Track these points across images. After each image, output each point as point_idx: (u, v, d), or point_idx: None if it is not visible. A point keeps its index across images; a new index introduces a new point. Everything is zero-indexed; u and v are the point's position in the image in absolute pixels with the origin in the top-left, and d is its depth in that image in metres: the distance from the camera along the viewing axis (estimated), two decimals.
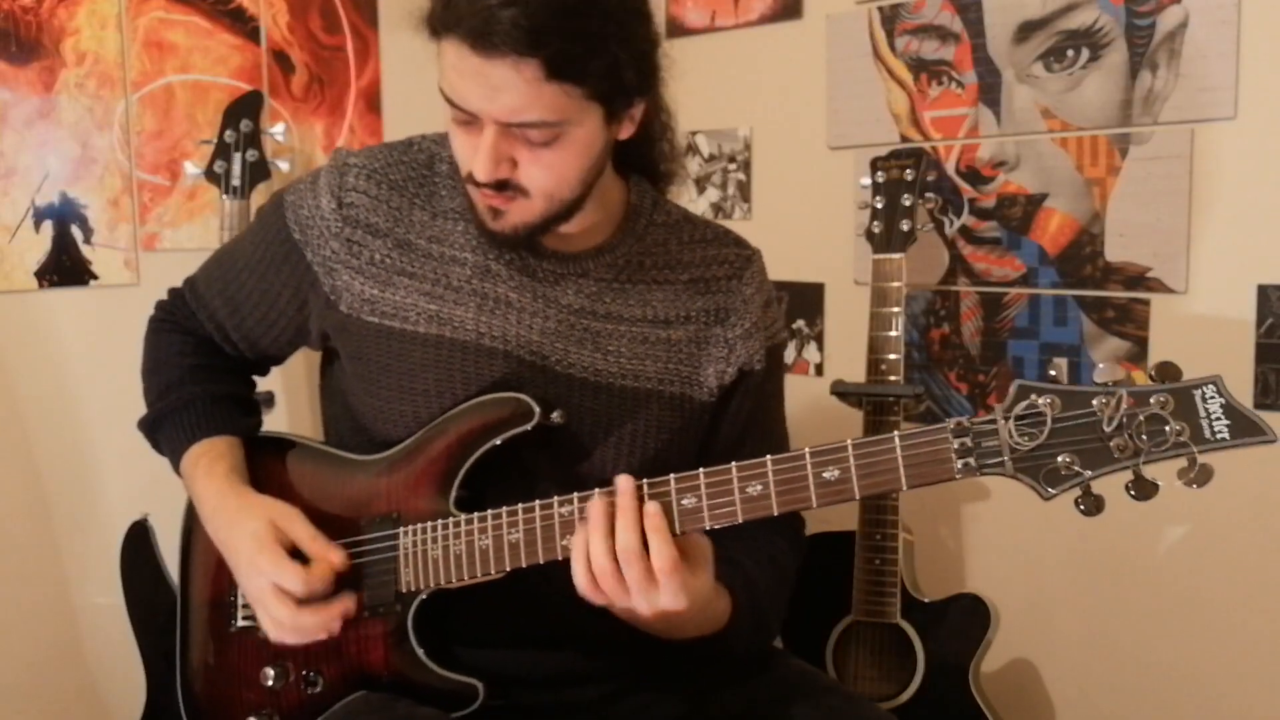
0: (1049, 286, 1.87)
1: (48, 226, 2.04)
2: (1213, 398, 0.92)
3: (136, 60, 2.12)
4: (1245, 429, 0.91)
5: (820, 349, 2.21)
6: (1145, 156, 1.75)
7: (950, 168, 1.97)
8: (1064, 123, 1.83)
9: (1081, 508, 0.95)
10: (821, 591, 1.87)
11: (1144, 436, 0.92)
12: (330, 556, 1.15)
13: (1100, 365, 0.95)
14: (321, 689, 1.21)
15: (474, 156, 1.11)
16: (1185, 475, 0.92)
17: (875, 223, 1.85)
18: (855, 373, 1.88)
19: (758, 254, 1.35)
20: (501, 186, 1.13)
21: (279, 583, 1.13)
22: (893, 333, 1.80)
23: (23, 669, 2.05)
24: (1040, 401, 0.94)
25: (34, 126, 2.01)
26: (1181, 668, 1.78)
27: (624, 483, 1.05)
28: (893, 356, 1.80)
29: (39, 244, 2.03)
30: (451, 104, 1.11)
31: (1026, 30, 1.86)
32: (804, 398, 2.20)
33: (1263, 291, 1.65)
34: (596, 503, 1.05)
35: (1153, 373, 0.93)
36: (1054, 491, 0.94)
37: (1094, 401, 0.93)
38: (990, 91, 1.91)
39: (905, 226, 1.82)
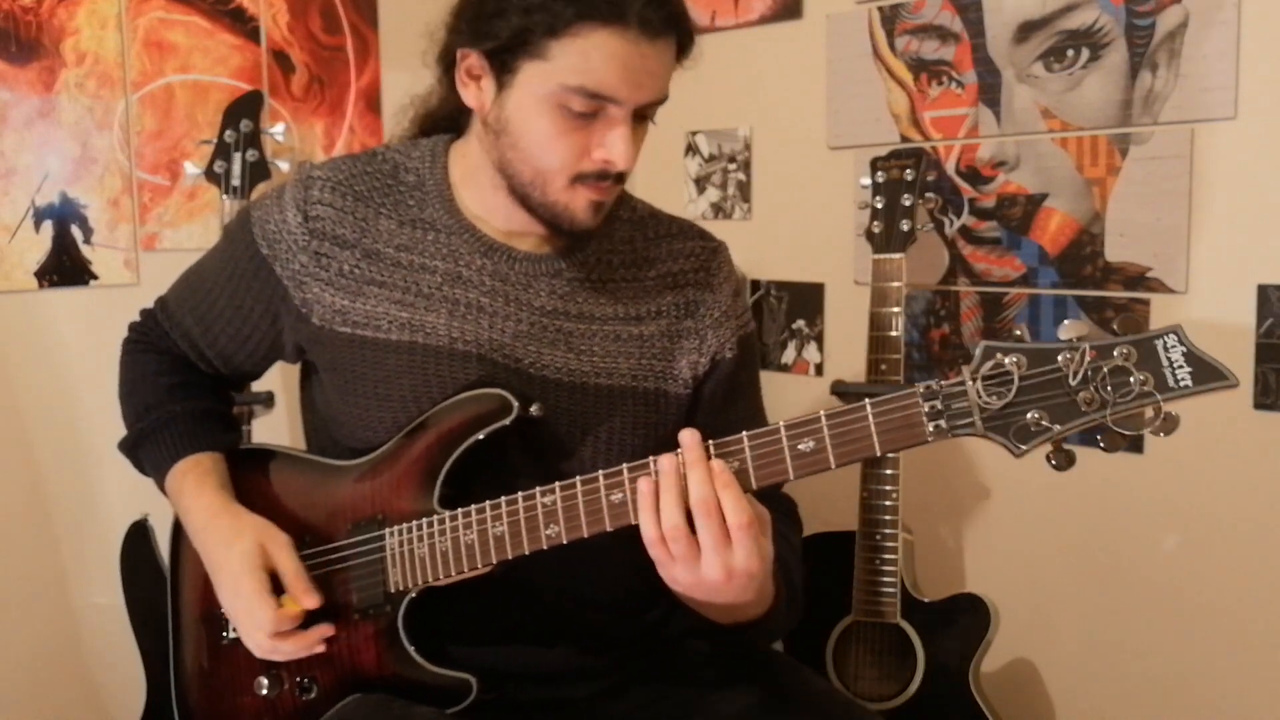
0: (1049, 286, 1.87)
1: (48, 226, 2.04)
2: (1174, 346, 0.92)
3: (136, 60, 2.12)
4: (1207, 375, 0.91)
5: (820, 349, 2.21)
6: (1145, 156, 1.75)
7: (950, 168, 1.97)
8: (1064, 123, 1.83)
9: (1053, 463, 0.97)
10: (821, 591, 1.86)
11: (1109, 388, 0.93)
12: (304, 599, 1.17)
13: (1065, 322, 0.96)
14: (316, 694, 1.22)
15: (605, 150, 1.13)
16: (1152, 424, 0.93)
17: (875, 223, 1.85)
18: (855, 373, 1.88)
19: (723, 246, 1.36)
20: (619, 176, 1.16)
21: (253, 614, 1.16)
22: (893, 333, 1.80)
23: (23, 669, 2.05)
24: (1006, 361, 0.94)
25: (34, 126, 2.01)
26: (1181, 668, 1.78)
27: (689, 438, 1.03)
28: (893, 356, 1.80)
29: (39, 244, 2.03)
30: (592, 97, 1.11)
31: (1026, 30, 1.86)
32: (804, 398, 2.20)
33: (1263, 291, 1.65)
34: (665, 457, 1.03)
35: (1115, 326, 0.94)
36: (1025, 448, 0.95)
37: (1059, 357, 0.94)
38: (990, 91, 1.91)
39: (905, 226, 1.82)
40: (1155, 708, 1.82)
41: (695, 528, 1.02)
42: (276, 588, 1.18)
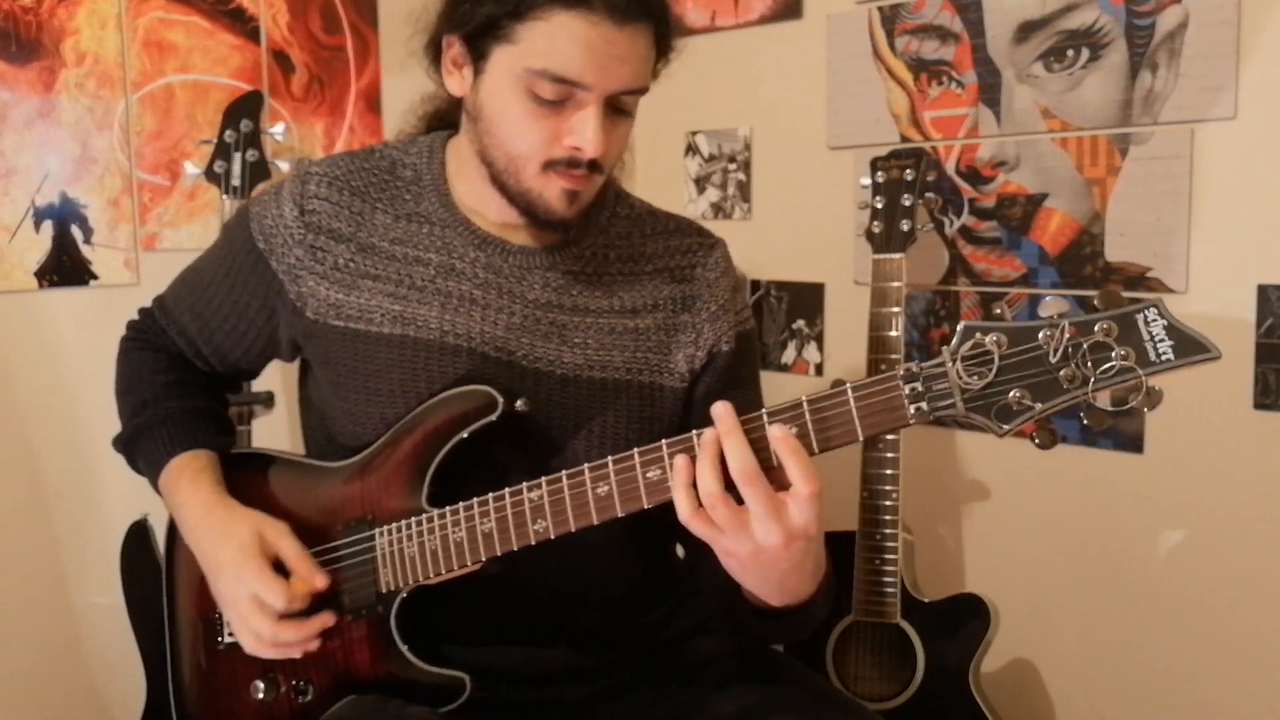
0: (1049, 286, 1.87)
1: (48, 226, 2.04)
2: (1155, 320, 0.92)
3: (136, 60, 2.12)
4: (1189, 348, 0.91)
5: (820, 349, 2.21)
6: (1145, 156, 1.75)
7: (950, 168, 1.97)
8: (1064, 123, 1.83)
9: (1036, 441, 0.96)
10: None
11: (1090, 364, 0.92)
12: (314, 579, 1.16)
13: (1045, 299, 0.95)
14: (312, 697, 1.22)
15: (574, 136, 1.13)
16: (1135, 398, 0.92)
17: (875, 223, 1.85)
18: (855, 373, 1.88)
19: (721, 243, 1.36)
20: (593, 165, 1.15)
21: (261, 596, 1.14)
22: (893, 333, 1.80)
23: (23, 669, 2.05)
24: (986, 340, 0.94)
25: (34, 126, 2.01)
26: (1181, 667, 1.78)
27: (722, 409, 1.01)
28: (893, 356, 1.80)
29: (39, 244, 2.03)
30: (558, 81, 1.10)
31: (1026, 30, 1.86)
32: None
33: (1263, 291, 1.65)
34: (707, 431, 1.01)
35: (1096, 301, 0.94)
36: (1007, 427, 0.95)
37: (1039, 335, 0.93)
38: (990, 91, 1.91)
39: (905, 226, 1.82)
40: (1155, 708, 1.82)
41: (741, 499, 0.99)
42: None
